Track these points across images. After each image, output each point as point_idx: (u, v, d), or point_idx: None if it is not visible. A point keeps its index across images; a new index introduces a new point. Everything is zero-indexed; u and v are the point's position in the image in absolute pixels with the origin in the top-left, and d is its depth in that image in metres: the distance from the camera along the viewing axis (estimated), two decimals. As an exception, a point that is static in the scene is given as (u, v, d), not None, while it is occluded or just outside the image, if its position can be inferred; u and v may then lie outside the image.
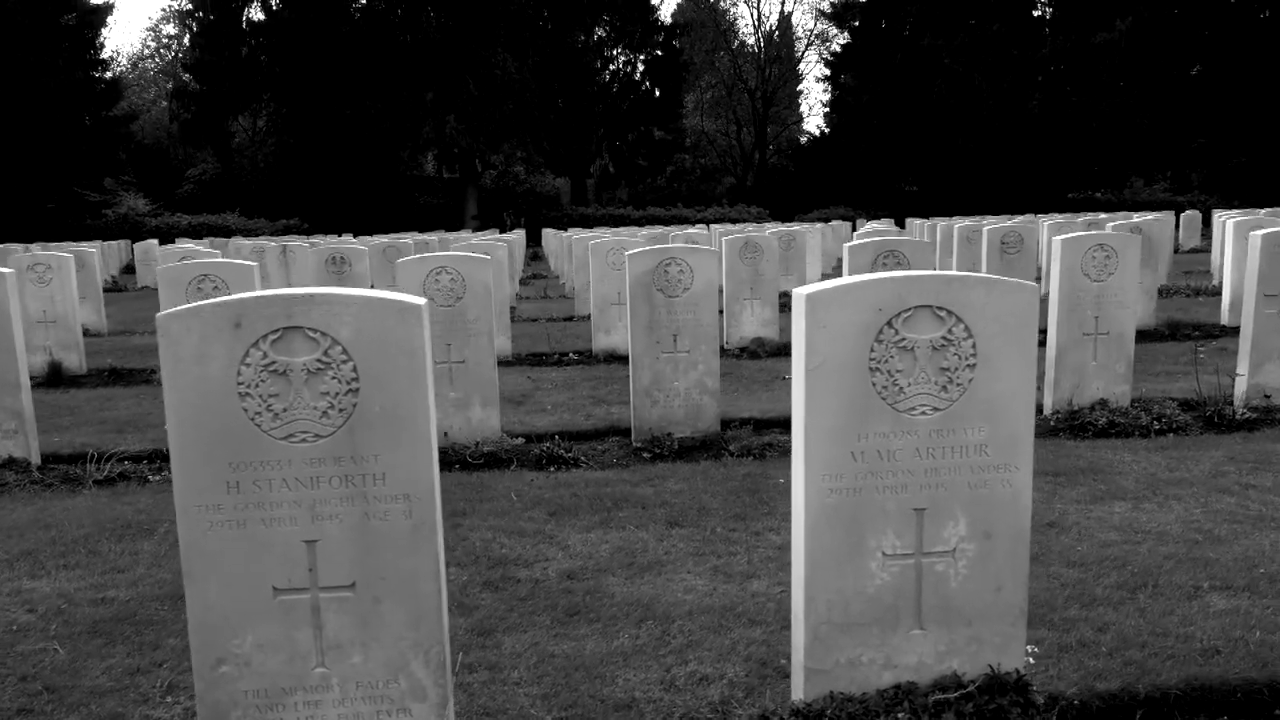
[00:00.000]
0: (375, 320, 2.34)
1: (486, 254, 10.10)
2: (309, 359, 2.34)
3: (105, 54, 42.81)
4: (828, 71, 47.27)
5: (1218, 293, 13.00)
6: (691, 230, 17.76)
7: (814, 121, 60.30)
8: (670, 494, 5.22)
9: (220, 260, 6.19)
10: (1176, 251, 22.61)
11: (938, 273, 2.49)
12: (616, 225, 39.75)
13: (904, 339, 2.48)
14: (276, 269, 13.01)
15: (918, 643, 2.62)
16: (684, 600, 3.77)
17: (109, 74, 42.67)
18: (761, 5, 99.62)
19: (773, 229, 14.30)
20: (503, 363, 9.80)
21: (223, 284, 6.12)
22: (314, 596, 2.44)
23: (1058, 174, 40.34)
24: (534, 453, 6.15)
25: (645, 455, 6.17)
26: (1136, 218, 19.82)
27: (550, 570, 4.13)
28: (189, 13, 44.70)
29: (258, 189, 43.56)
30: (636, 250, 6.42)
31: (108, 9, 40.07)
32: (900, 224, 33.41)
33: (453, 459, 6.02)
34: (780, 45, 56.12)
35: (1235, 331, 8.14)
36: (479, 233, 31.02)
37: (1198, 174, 43.57)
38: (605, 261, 9.91)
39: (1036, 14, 40.41)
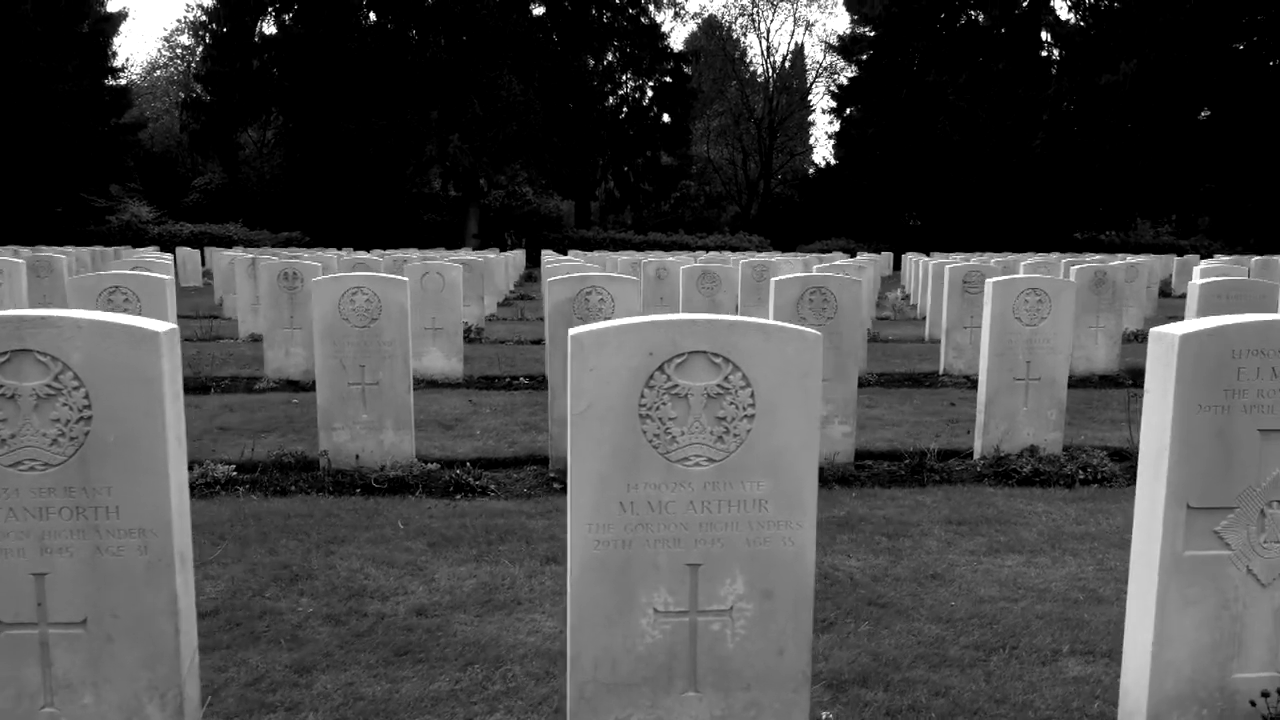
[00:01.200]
0: (108, 346, 2.23)
1: (442, 274, 10.07)
2: (39, 384, 2.24)
3: (118, 62, 43.25)
4: (834, 104, 47.33)
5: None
6: (670, 258, 17.69)
7: (821, 153, 60.29)
8: (561, 528, 5.08)
9: (132, 273, 6.10)
10: (1167, 295, 22.44)
11: (714, 317, 2.37)
12: (618, 249, 39.74)
13: (677, 385, 2.37)
14: (245, 281, 12.97)
15: (692, 706, 2.48)
16: (525, 642, 3.64)
17: (119, 81, 42.99)
18: (772, 36, 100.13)
19: (748, 259, 14.19)
20: (450, 385, 9.73)
21: (134, 296, 6.04)
22: (42, 632, 2.32)
23: (1063, 214, 40.20)
24: (444, 479, 6.02)
25: (556, 486, 6.05)
26: (1131, 259, 19.70)
27: (403, 605, 4.01)
28: (203, 24, 45.08)
29: (263, 200, 43.76)
30: (557, 278, 6.33)
31: (120, 17, 40.45)
32: (898, 258, 33.38)
33: (356, 483, 5.91)
34: (791, 75, 56.31)
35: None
36: (477, 251, 31.09)
37: (1204, 218, 43.38)
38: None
39: (1044, 54, 40.40)
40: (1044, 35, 39.91)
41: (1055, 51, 40.00)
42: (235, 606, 3.96)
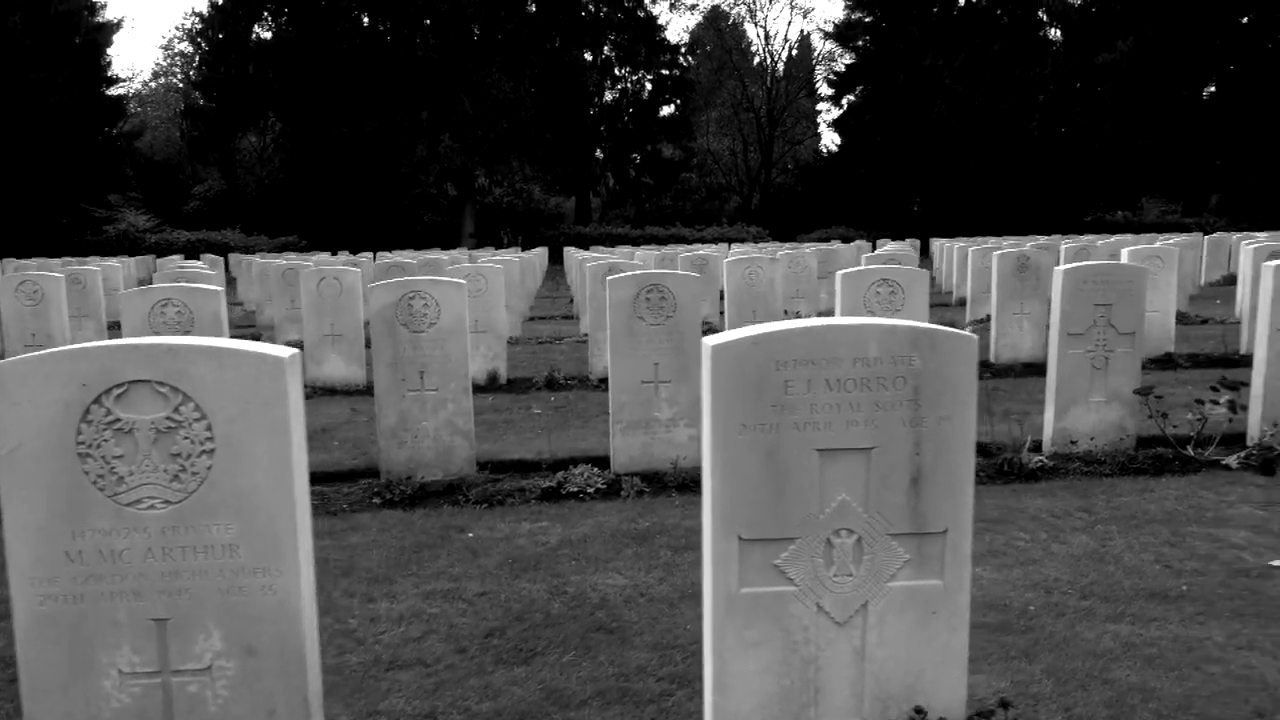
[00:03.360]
0: None
1: (339, 279, 9.86)
2: None
3: (118, 71, 43.56)
4: (832, 91, 46.76)
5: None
6: (639, 254, 17.40)
7: (823, 141, 59.63)
8: (341, 549, 4.84)
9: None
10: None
11: (156, 341, 2.10)
12: (615, 244, 39.55)
13: (119, 420, 2.10)
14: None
15: (175, 775, 2.21)
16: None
17: (116, 91, 43.26)
18: (769, 24, 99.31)
19: (688, 253, 13.89)
20: (348, 392, 9.52)
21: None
22: None
23: (1069, 195, 39.44)
24: (261, 496, 5.79)
25: (376, 501, 5.81)
26: (1108, 240, 19.18)
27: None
28: (200, 30, 45.30)
29: (261, 206, 43.91)
30: (378, 283, 6.08)
31: (114, 27, 40.65)
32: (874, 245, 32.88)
33: (162, 503, 5.70)
34: (798, 63, 55.71)
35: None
36: (474, 250, 30.94)
37: (1215, 196, 42.42)
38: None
39: (1042, 35, 39.60)
40: (1041, 15, 39.16)
41: (1054, 31, 39.25)
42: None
